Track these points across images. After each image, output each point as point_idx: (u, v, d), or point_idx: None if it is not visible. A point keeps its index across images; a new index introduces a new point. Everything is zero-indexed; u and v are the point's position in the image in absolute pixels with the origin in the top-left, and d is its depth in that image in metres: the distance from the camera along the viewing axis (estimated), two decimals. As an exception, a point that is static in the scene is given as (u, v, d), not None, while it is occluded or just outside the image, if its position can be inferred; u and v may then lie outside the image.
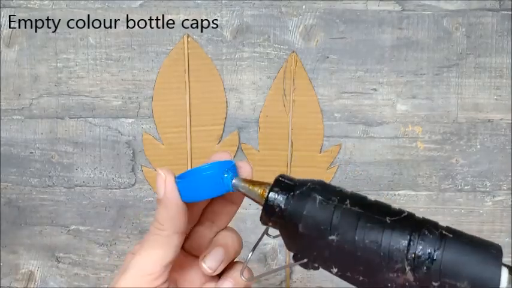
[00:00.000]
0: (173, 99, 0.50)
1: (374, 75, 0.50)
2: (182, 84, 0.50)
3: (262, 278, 0.51)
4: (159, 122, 0.51)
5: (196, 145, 0.51)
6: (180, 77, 0.50)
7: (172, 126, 0.51)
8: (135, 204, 0.52)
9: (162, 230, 0.25)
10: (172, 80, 0.50)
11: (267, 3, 0.50)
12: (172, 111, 0.50)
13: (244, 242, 0.30)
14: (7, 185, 0.52)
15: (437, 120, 0.51)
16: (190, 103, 0.50)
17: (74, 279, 0.52)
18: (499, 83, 0.51)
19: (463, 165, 0.51)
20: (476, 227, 0.52)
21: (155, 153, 0.51)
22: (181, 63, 0.50)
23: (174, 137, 0.51)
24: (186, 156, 0.51)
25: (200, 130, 0.51)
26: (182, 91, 0.50)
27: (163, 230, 0.25)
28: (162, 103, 0.50)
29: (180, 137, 0.51)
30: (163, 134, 0.51)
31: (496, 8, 0.50)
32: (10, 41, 0.50)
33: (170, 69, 0.50)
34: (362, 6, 0.50)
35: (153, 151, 0.51)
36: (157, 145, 0.51)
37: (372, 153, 0.51)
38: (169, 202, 0.25)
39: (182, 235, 0.26)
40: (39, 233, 0.52)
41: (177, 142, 0.51)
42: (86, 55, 0.50)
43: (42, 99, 0.51)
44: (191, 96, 0.50)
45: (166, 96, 0.50)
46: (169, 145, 0.51)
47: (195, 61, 0.50)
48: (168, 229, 0.25)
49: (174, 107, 0.50)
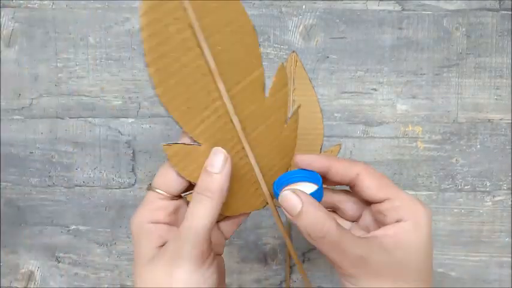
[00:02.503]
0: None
1: (374, 75, 0.50)
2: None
3: (262, 278, 0.51)
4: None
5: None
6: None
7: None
8: (135, 204, 0.52)
9: (213, 198, 0.27)
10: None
11: (267, 3, 0.50)
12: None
13: (244, 242, 0.30)
14: (7, 185, 0.52)
15: (437, 120, 0.51)
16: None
17: (74, 279, 0.52)
18: (499, 83, 0.51)
19: (463, 165, 0.51)
20: (476, 227, 0.52)
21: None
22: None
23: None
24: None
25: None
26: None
27: (213, 198, 0.27)
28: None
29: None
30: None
31: (496, 8, 0.50)
32: (10, 41, 0.50)
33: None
34: (362, 6, 0.50)
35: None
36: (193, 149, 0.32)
37: (372, 153, 0.51)
38: (224, 176, 0.28)
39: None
40: (39, 232, 0.52)
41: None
42: (86, 55, 0.50)
43: (42, 99, 0.51)
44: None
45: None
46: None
47: None
48: (217, 198, 0.27)
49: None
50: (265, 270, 0.52)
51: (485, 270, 0.52)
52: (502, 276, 0.52)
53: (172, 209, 0.29)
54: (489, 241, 0.52)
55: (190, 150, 0.28)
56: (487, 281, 0.52)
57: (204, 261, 0.27)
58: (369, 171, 0.29)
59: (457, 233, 0.52)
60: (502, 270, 0.52)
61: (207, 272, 0.28)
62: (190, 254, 0.27)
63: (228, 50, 0.28)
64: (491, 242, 0.52)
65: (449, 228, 0.52)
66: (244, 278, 0.52)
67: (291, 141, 0.32)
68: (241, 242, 0.51)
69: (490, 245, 0.52)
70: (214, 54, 0.27)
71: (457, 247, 0.52)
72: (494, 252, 0.52)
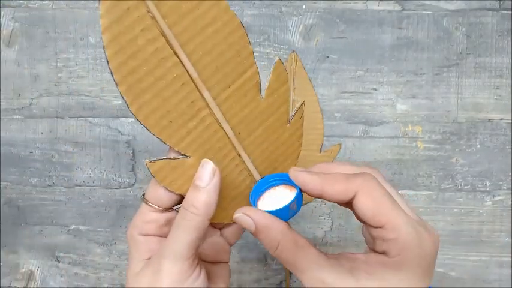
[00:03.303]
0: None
1: (374, 75, 0.50)
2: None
3: (262, 278, 0.51)
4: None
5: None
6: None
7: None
8: (135, 203, 0.52)
9: (198, 214, 0.26)
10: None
11: (267, 3, 0.50)
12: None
13: (244, 241, 0.30)
14: (7, 184, 0.52)
15: (437, 120, 0.51)
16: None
17: (73, 279, 0.52)
18: (499, 82, 0.51)
19: (463, 165, 0.51)
20: (476, 226, 0.52)
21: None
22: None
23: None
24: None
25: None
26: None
27: (198, 214, 0.26)
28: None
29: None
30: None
31: (496, 8, 0.50)
32: (10, 40, 0.50)
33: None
34: (362, 6, 0.50)
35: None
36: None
37: (371, 153, 0.51)
38: (211, 191, 0.27)
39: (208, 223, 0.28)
40: (39, 232, 0.52)
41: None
42: (86, 55, 0.50)
43: (42, 99, 0.51)
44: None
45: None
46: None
47: None
48: (203, 214, 0.26)
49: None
50: (265, 270, 0.52)
51: (485, 270, 0.52)
52: (502, 276, 0.52)
53: (164, 221, 0.29)
54: (489, 241, 0.52)
55: (176, 165, 0.27)
56: (487, 281, 0.52)
57: (186, 279, 0.27)
58: (368, 189, 0.25)
59: (457, 233, 0.52)
60: (502, 270, 0.52)
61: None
62: (170, 271, 0.26)
63: (211, 53, 0.26)
64: (491, 242, 0.52)
65: (449, 228, 0.52)
66: (244, 278, 0.52)
67: (295, 142, 0.30)
68: (241, 242, 0.51)
69: (490, 245, 0.52)
70: (194, 61, 0.25)
71: (457, 247, 0.52)
72: (494, 252, 0.52)
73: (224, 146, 0.28)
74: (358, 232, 0.51)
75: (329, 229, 0.52)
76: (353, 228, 0.51)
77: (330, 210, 0.51)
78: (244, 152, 0.29)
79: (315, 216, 0.52)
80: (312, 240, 0.50)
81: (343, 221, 0.51)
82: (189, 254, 0.26)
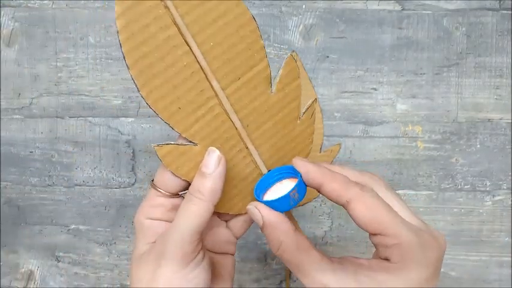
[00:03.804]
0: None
1: (374, 75, 0.50)
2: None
3: (262, 278, 0.51)
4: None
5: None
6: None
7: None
8: (135, 203, 0.52)
9: (203, 200, 0.27)
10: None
11: (267, 3, 0.50)
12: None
13: (244, 241, 0.30)
14: (7, 184, 0.52)
15: (437, 120, 0.51)
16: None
17: (73, 279, 0.52)
18: (499, 82, 0.51)
19: (463, 165, 0.51)
20: (476, 226, 0.52)
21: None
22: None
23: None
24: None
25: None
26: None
27: (204, 200, 0.27)
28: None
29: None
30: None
31: (496, 8, 0.50)
32: (10, 40, 0.50)
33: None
34: (362, 6, 0.50)
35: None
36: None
37: (371, 153, 0.51)
38: (216, 177, 0.27)
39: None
40: (39, 232, 0.52)
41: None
42: (86, 54, 0.50)
43: (42, 99, 0.51)
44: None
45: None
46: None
47: None
48: (208, 200, 0.27)
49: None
50: (265, 270, 0.52)
51: (485, 270, 0.52)
52: (502, 276, 0.52)
53: (170, 206, 0.29)
54: (489, 241, 0.52)
55: (184, 150, 0.28)
56: (487, 280, 0.52)
57: (189, 262, 0.27)
58: (363, 198, 0.25)
59: (457, 233, 0.52)
60: (502, 270, 0.52)
61: (191, 273, 0.27)
62: (173, 255, 0.26)
63: (222, 44, 0.26)
64: (491, 242, 0.52)
65: (449, 228, 0.52)
66: (244, 278, 0.52)
67: (305, 139, 0.30)
68: (241, 242, 0.51)
69: (490, 244, 0.52)
70: (204, 51, 0.26)
71: (457, 247, 0.52)
72: (494, 252, 0.52)
73: (232, 137, 0.28)
74: (358, 232, 0.51)
75: (329, 229, 0.51)
76: (353, 228, 0.51)
77: (330, 210, 0.51)
78: (252, 144, 0.29)
79: (315, 216, 0.52)
80: (312, 239, 0.50)
81: (343, 220, 0.51)
82: (193, 238, 0.27)
